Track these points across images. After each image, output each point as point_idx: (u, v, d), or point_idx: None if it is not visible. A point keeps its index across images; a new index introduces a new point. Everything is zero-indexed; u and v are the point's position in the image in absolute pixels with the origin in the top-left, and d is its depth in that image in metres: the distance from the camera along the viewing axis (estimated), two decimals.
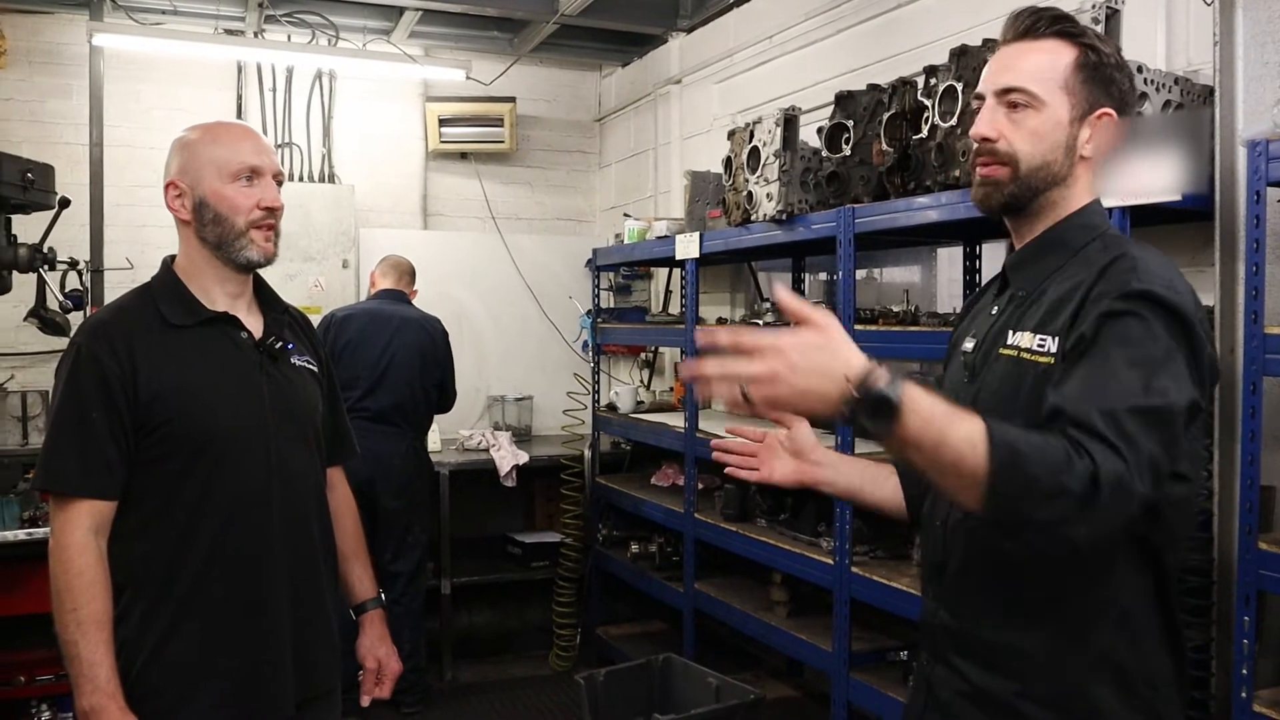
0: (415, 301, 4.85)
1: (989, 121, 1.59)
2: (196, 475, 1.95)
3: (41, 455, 1.94)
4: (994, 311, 1.69)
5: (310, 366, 2.19)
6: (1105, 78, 1.57)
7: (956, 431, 1.28)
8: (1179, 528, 1.54)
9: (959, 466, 1.29)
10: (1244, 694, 2.29)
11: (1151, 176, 2.33)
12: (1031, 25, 1.59)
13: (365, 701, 2.32)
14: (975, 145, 1.62)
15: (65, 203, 3.81)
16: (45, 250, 3.72)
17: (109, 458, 1.90)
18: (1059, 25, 1.58)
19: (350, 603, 2.33)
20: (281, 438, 2.04)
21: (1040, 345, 1.52)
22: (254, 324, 2.10)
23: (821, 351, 1.29)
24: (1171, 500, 1.45)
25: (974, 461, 1.27)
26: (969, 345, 1.71)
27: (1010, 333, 1.59)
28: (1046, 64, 1.57)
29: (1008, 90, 1.58)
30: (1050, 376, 1.47)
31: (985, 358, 1.65)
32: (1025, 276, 1.65)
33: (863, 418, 1.29)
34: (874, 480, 1.90)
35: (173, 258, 2.09)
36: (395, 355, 4.54)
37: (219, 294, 2.05)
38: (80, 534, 1.88)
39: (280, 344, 2.10)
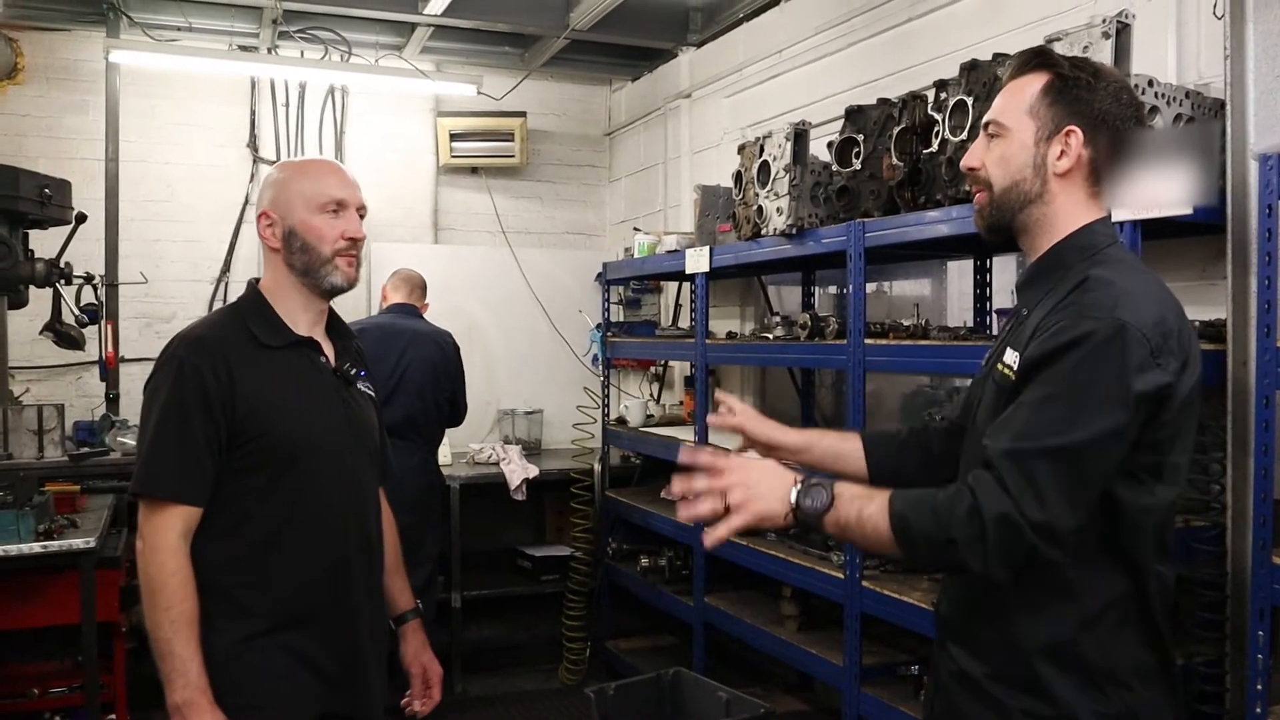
0: (426, 315, 4.86)
1: (971, 153, 1.79)
2: (284, 487, 2.06)
3: (141, 460, 2.03)
4: (1006, 329, 1.83)
5: (371, 393, 2.34)
6: (1073, 98, 1.68)
7: (868, 511, 1.60)
8: (1148, 534, 1.63)
9: (877, 542, 1.61)
10: (1258, 709, 2.29)
11: (1163, 190, 2.34)
12: (1019, 65, 1.76)
13: (419, 708, 2.44)
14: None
15: (81, 218, 3.85)
16: (61, 265, 3.76)
17: (204, 467, 2.00)
18: (1036, 59, 1.74)
19: (390, 614, 2.45)
20: (356, 456, 2.19)
21: (1014, 364, 1.66)
22: (329, 350, 2.24)
23: (768, 476, 1.66)
24: (1137, 508, 1.59)
25: (884, 535, 1.58)
26: (984, 362, 1.87)
27: (1008, 350, 1.71)
28: (1018, 95, 1.72)
29: (987, 124, 1.77)
30: (1015, 393, 1.62)
31: (988, 374, 1.80)
32: (1028, 295, 1.77)
33: (802, 524, 1.64)
34: (832, 460, 2.06)
35: (257, 280, 2.22)
36: (407, 369, 4.55)
37: (302, 318, 2.18)
38: (174, 537, 1.97)
39: (355, 370, 2.26)
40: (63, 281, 3.89)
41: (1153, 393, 1.53)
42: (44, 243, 3.91)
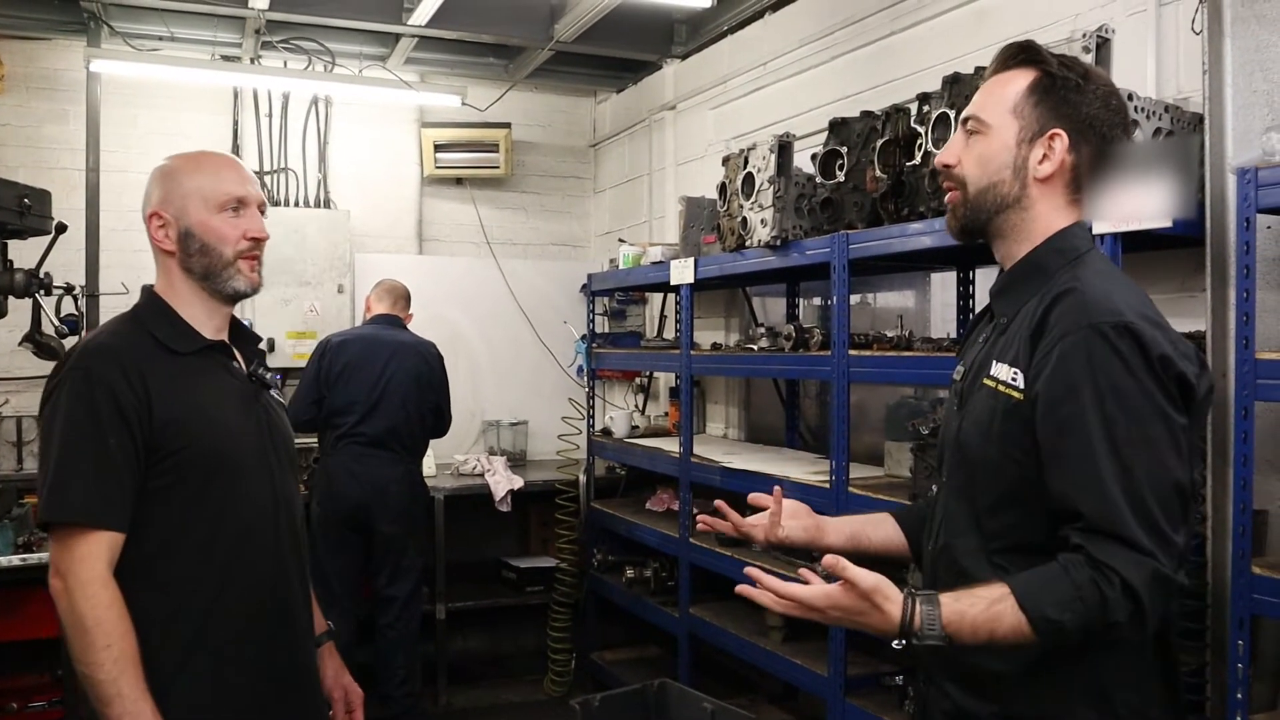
0: (410, 326, 4.86)
1: (948, 148, 1.69)
2: (210, 502, 1.91)
3: (49, 484, 1.82)
4: (981, 340, 1.73)
5: (282, 400, 2.20)
6: (1060, 99, 1.60)
7: (1001, 630, 1.44)
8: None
9: (1015, 649, 1.46)
10: (1239, 718, 2.29)
11: (1142, 202, 2.35)
12: (1003, 59, 1.66)
13: None
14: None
15: (62, 228, 3.82)
16: (41, 275, 3.72)
17: (124, 487, 1.83)
18: (1023, 54, 1.64)
19: None
20: (279, 464, 2.05)
21: (1014, 379, 1.56)
22: (238, 355, 2.10)
23: (864, 616, 1.49)
24: None
25: (1027, 644, 1.44)
26: (958, 373, 1.76)
27: (993, 363, 1.62)
28: (1002, 91, 1.63)
29: (966, 120, 1.67)
30: (1023, 413, 1.53)
31: (971, 386, 1.68)
32: (1005, 303, 1.68)
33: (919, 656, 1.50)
34: (868, 529, 1.95)
35: (152, 286, 2.05)
36: (391, 380, 4.54)
37: (207, 324, 2.03)
38: (101, 567, 1.79)
39: (269, 374, 2.12)
40: (42, 292, 3.86)
41: (1184, 379, 1.46)
42: (23, 253, 3.88)
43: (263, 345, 2.23)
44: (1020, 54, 1.64)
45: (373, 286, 4.92)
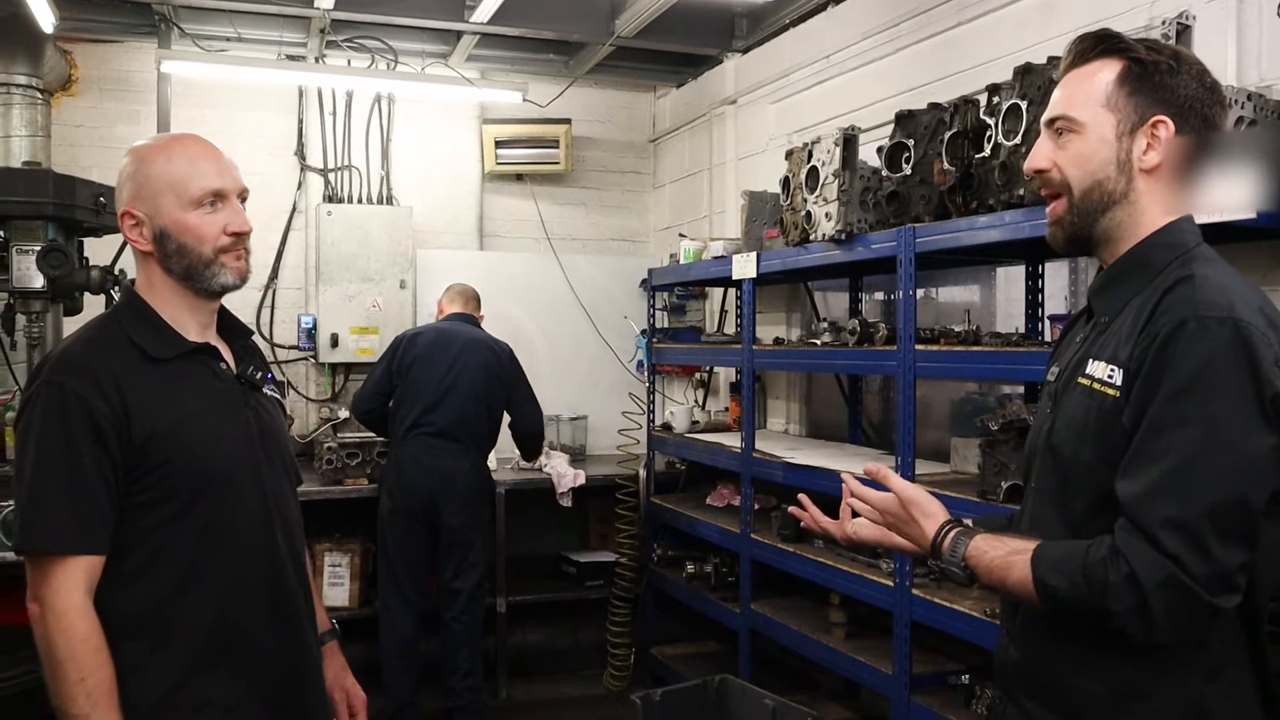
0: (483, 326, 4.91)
1: (1037, 153, 1.61)
2: (196, 517, 1.80)
3: (23, 511, 1.72)
4: (1079, 340, 1.67)
5: (278, 396, 2.10)
6: (1156, 84, 1.53)
7: (1010, 580, 1.52)
8: (1270, 569, 1.48)
9: (1022, 599, 1.56)
10: None
11: (1224, 193, 2.29)
12: (1080, 52, 1.60)
13: None
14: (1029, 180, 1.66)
15: None
16: (116, 272, 3.80)
17: (102, 509, 1.72)
18: (1104, 44, 1.57)
19: None
20: (271, 471, 1.94)
21: (1109, 376, 1.50)
22: (227, 355, 1.98)
23: (905, 526, 1.69)
24: (1271, 538, 1.44)
25: (1030, 599, 1.51)
26: (1053, 373, 1.71)
27: (1090, 361, 1.56)
28: (1089, 85, 1.56)
29: (1053, 120, 1.60)
30: (1118, 410, 1.48)
31: (1065, 386, 1.63)
32: (1106, 302, 1.62)
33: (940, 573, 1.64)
34: None
35: (133, 282, 1.93)
36: (461, 372, 4.58)
37: (191, 323, 1.90)
38: (79, 596, 1.69)
39: (260, 374, 2.01)
40: (116, 289, 3.94)
41: None
42: (98, 250, 3.96)
43: (255, 338, 2.12)
44: (1100, 44, 1.58)
45: (444, 290, 4.97)
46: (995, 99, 2.99)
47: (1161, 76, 1.53)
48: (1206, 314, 1.41)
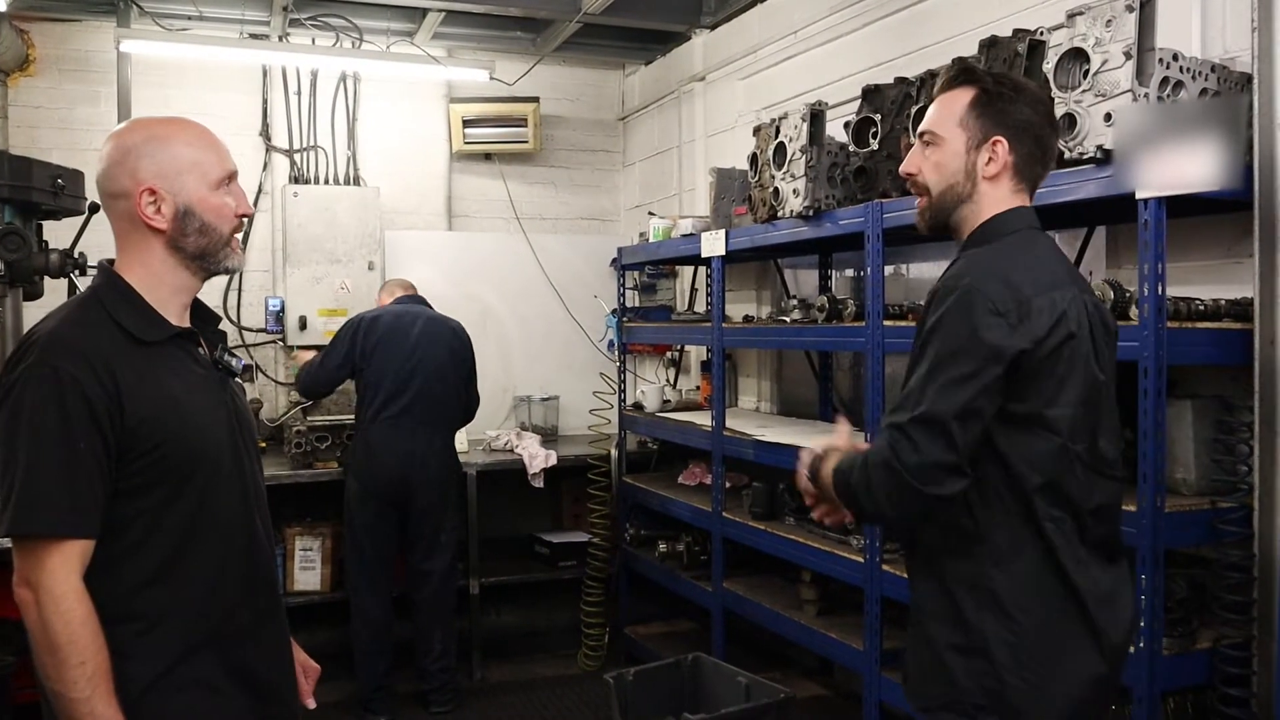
0: (442, 301, 4.87)
1: (909, 159, 2.03)
2: (185, 501, 1.82)
3: (16, 494, 1.71)
4: None
5: (243, 384, 2.13)
6: (998, 110, 1.91)
7: (825, 475, 1.99)
8: (1037, 482, 1.83)
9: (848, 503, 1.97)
10: None
11: (1187, 166, 2.30)
12: (948, 79, 1.98)
13: (311, 704, 2.19)
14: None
15: (95, 208, 3.83)
16: (76, 255, 3.75)
17: (96, 492, 1.73)
18: (963, 75, 1.97)
19: None
20: (249, 454, 1.98)
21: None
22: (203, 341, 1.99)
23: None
24: (1019, 457, 1.82)
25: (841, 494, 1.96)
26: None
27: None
28: (949, 107, 1.96)
29: (922, 134, 2.00)
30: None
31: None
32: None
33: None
34: None
35: (111, 262, 1.92)
36: (424, 351, 4.55)
37: (173, 307, 1.90)
38: (75, 580, 1.70)
39: (234, 360, 2.03)
40: (77, 272, 3.88)
41: (1002, 345, 1.76)
42: (58, 233, 3.91)
43: (223, 325, 2.10)
44: (961, 75, 1.96)
45: (380, 288, 4.95)
46: None
47: (1003, 104, 1.91)
48: (946, 284, 1.85)
